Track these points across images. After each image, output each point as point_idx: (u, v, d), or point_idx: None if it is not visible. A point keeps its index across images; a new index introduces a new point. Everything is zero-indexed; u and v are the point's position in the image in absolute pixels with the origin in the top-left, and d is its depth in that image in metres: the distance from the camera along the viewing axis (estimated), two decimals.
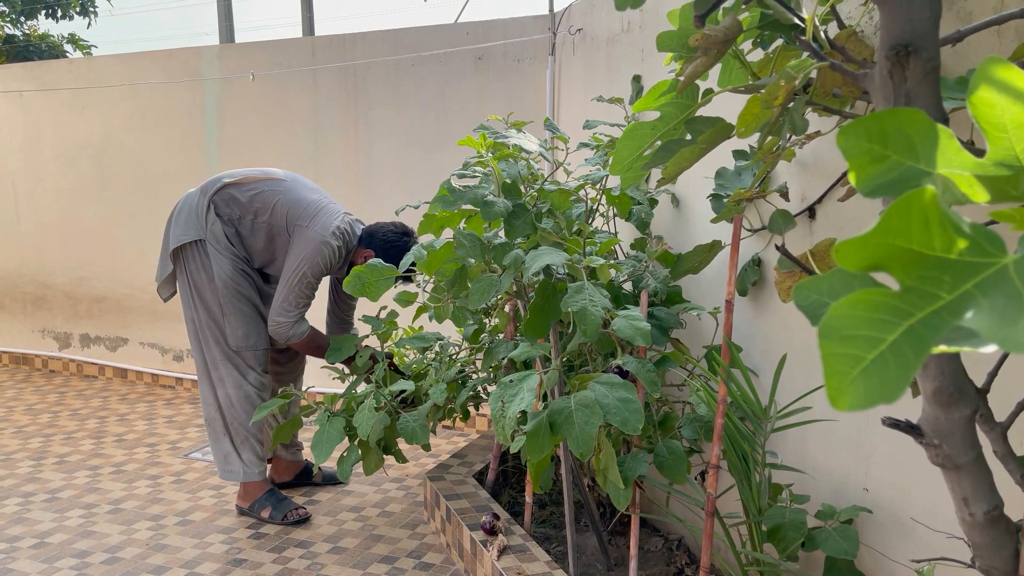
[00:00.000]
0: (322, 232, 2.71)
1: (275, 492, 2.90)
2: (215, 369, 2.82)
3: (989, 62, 0.55)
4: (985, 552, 0.88)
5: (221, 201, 2.78)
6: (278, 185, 2.80)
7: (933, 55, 0.81)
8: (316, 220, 2.73)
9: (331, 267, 2.77)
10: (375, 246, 2.79)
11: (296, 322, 2.74)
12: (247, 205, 2.77)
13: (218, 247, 2.75)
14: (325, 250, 2.71)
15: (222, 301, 2.77)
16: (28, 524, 2.82)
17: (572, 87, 3.50)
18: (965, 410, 0.81)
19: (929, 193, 0.46)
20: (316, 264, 2.70)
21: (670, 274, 2.14)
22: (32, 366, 5.34)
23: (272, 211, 2.76)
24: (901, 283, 0.48)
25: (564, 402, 1.68)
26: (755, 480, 1.74)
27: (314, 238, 2.70)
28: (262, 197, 2.77)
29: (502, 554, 2.15)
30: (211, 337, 2.81)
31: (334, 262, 2.75)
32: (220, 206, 2.77)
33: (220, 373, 2.82)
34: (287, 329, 2.73)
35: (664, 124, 1.26)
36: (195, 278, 2.79)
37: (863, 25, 1.53)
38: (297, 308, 2.73)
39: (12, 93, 5.12)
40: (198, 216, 2.77)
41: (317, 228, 2.71)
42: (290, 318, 2.73)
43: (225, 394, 2.82)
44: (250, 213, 2.77)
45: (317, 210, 2.77)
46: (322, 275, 2.76)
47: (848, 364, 0.46)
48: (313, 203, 2.78)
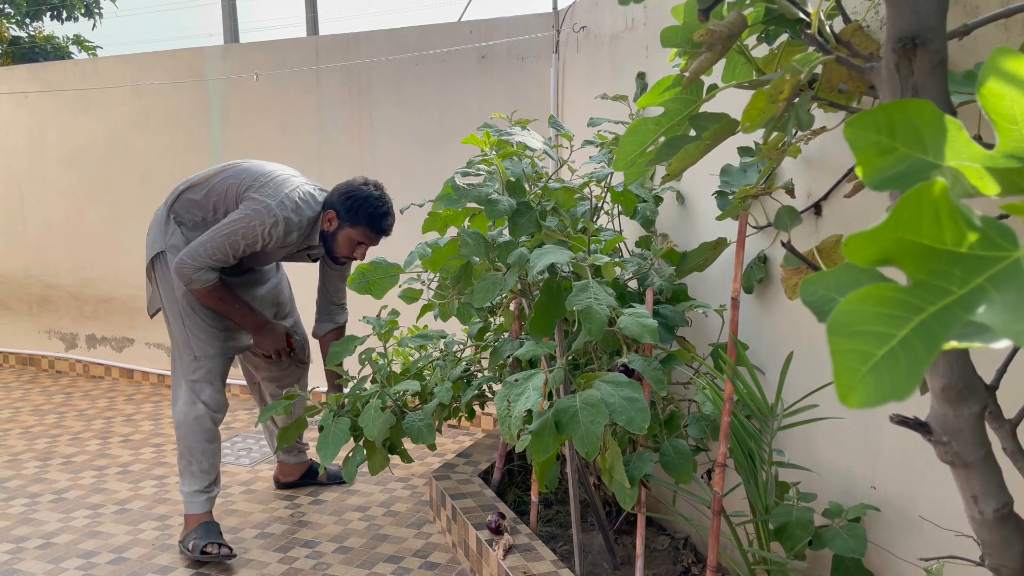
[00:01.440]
0: (268, 199, 2.51)
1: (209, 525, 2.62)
2: (177, 386, 2.69)
3: (998, 53, 0.54)
4: (994, 550, 0.87)
5: (182, 208, 2.65)
6: (232, 170, 2.63)
7: (940, 48, 0.80)
8: (266, 188, 2.55)
9: (274, 239, 2.53)
10: (335, 204, 2.60)
11: (201, 268, 2.49)
12: (205, 203, 2.62)
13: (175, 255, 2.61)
14: (266, 217, 2.48)
15: (183, 313, 2.64)
16: (34, 524, 2.83)
17: (576, 85, 3.50)
18: (974, 407, 0.80)
19: (939, 186, 0.45)
20: (251, 228, 2.48)
21: (675, 272, 2.14)
22: (38, 367, 5.35)
23: (226, 196, 2.59)
24: (911, 277, 0.47)
25: (569, 401, 1.68)
26: (762, 478, 1.73)
27: (260, 201, 2.50)
28: (217, 189, 2.60)
29: (508, 553, 2.14)
30: (179, 353, 2.68)
31: (277, 234, 2.53)
32: (181, 214, 2.65)
33: (179, 391, 2.68)
34: (189, 271, 2.49)
35: (668, 120, 1.25)
36: (163, 292, 2.68)
37: (869, 19, 1.51)
38: (208, 258, 2.49)
39: (17, 94, 5.13)
40: (160, 228, 2.67)
41: (265, 193, 2.52)
42: (196, 263, 2.48)
43: (177, 411, 2.66)
44: (210, 211, 2.62)
45: (270, 179, 2.58)
46: (257, 242, 2.52)
47: (858, 360, 0.45)
48: (267, 173, 2.60)
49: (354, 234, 2.61)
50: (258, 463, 3.50)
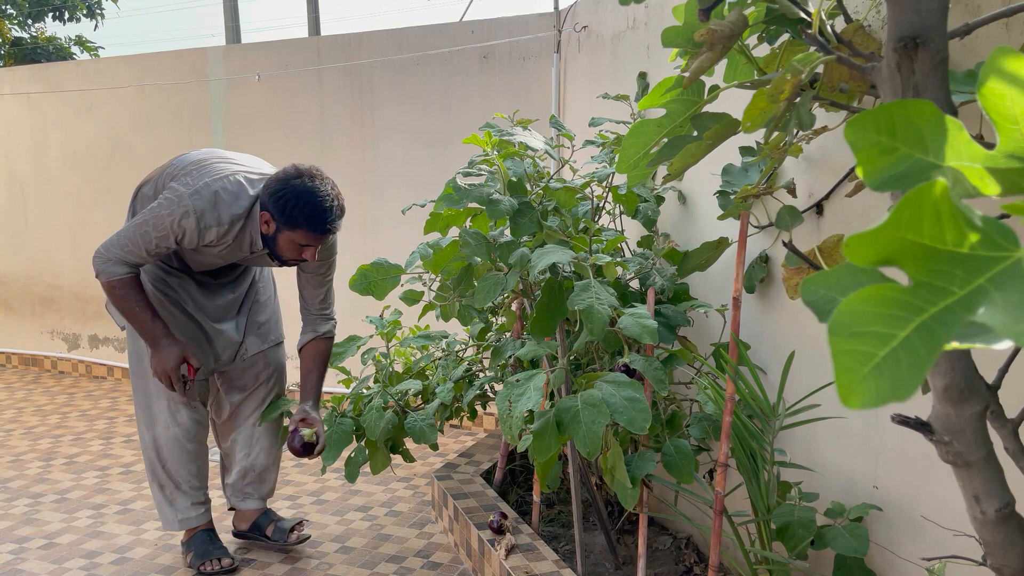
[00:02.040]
0: (183, 187, 2.18)
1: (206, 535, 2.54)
2: (146, 408, 2.45)
3: (999, 53, 0.54)
4: (996, 550, 0.87)
5: (139, 204, 2.39)
6: (177, 159, 2.35)
7: (941, 47, 0.80)
8: (188, 176, 2.23)
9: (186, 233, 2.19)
10: (266, 204, 2.19)
11: (111, 260, 2.21)
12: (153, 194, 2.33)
13: None
14: (176, 207, 2.15)
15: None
16: (37, 525, 2.83)
17: (577, 85, 3.50)
18: (976, 407, 0.80)
19: (940, 186, 0.45)
20: (160, 219, 2.16)
21: (677, 272, 2.14)
22: (41, 367, 5.36)
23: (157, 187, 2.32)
24: (912, 278, 0.47)
25: (571, 401, 1.68)
26: (764, 478, 1.73)
27: (174, 190, 2.19)
28: (162, 179, 2.32)
29: (510, 553, 2.14)
30: (140, 371, 2.44)
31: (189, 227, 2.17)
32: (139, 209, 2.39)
33: (152, 410, 2.44)
34: (100, 261, 2.21)
35: (670, 121, 1.25)
36: None
37: (870, 19, 1.51)
38: (120, 250, 2.20)
39: (20, 95, 5.14)
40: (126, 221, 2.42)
41: (184, 183, 2.20)
42: (109, 253, 2.20)
43: (154, 436, 2.44)
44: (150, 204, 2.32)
45: (198, 167, 2.26)
46: (168, 236, 2.19)
47: (859, 361, 0.45)
48: (198, 161, 2.28)
49: (295, 237, 2.20)
50: None
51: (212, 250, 2.30)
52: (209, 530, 2.57)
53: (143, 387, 2.45)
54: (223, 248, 2.29)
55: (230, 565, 2.48)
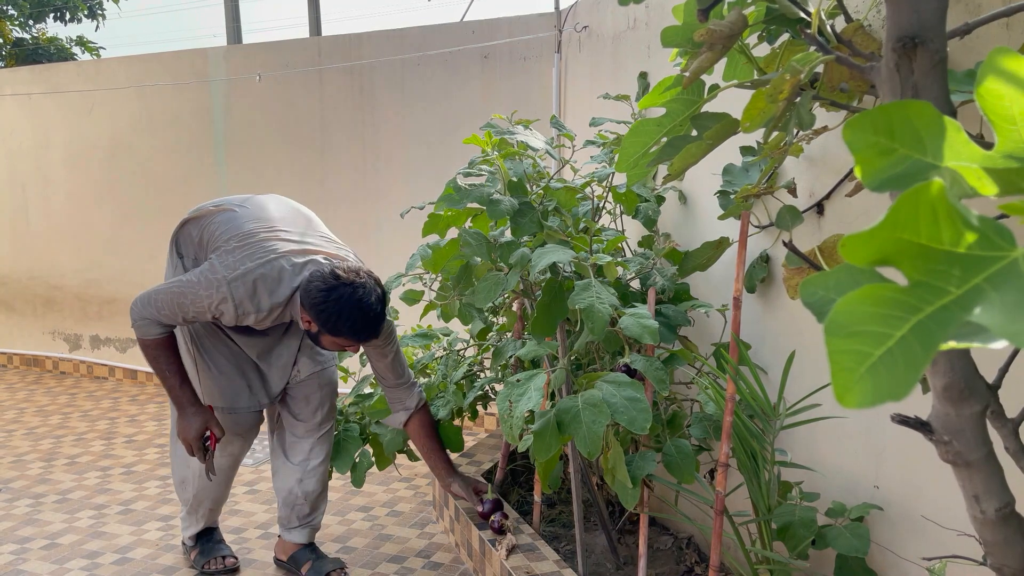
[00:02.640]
0: (226, 270, 2.11)
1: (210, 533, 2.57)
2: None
3: (997, 53, 0.54)
4: (996, 549, 0.87)
5: (182, 240, 2.38)
6: (229, 212, 2.28)
7: (940, 47, 0.80)
8: (234, 252, 2.15)
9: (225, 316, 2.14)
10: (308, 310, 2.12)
11: (146, 319, 2.18)
12: (200, 242, 2.31)
13: None
14: (214, 292, 2.10)
15: (192, 351, 2.35)
16: (39, 525, 2.84)
17: (578, 85, 3.50)
18: (975, 406, 0.80)
19: (937, 186, 0.45)
20: (199, 297, 2.12)
21: (678, 271, 2.14)
22: (43, 367, 5.37)
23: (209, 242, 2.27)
24: (909, 278, 0.47)
25: (571, 401, 1.68)
26: (764, 478, 1.73)
27: (217, 269, 2.12)
28: (209, 231, 2.27)
29: (511, 553, 2.14)
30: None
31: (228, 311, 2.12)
32: (182, 245, 2.38)
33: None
34: (135, 315, 2.19)
35: (670, 120, 1.25)
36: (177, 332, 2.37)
37: (870, 19, 1.51)
38: (156, 311, 2.17)
39: (21, 96, 5.14)
40: (168, 258, 2.42)
41: (227, 262, 2.13)
42: (145, 311, 2.18)
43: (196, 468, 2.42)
44: (203, 252, 2.30)
45: (248, 240, 2.17)
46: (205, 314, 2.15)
47: (855, 360, 0.45)
48: (250, 233, 2.19)
49: (339, 341, 2.15)
50: (262, 463, 3.51)
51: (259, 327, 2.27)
52: (214, 528, 2.58)
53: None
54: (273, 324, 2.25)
55: (233, 564, 2.48)
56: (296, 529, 2.51)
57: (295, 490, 2.47)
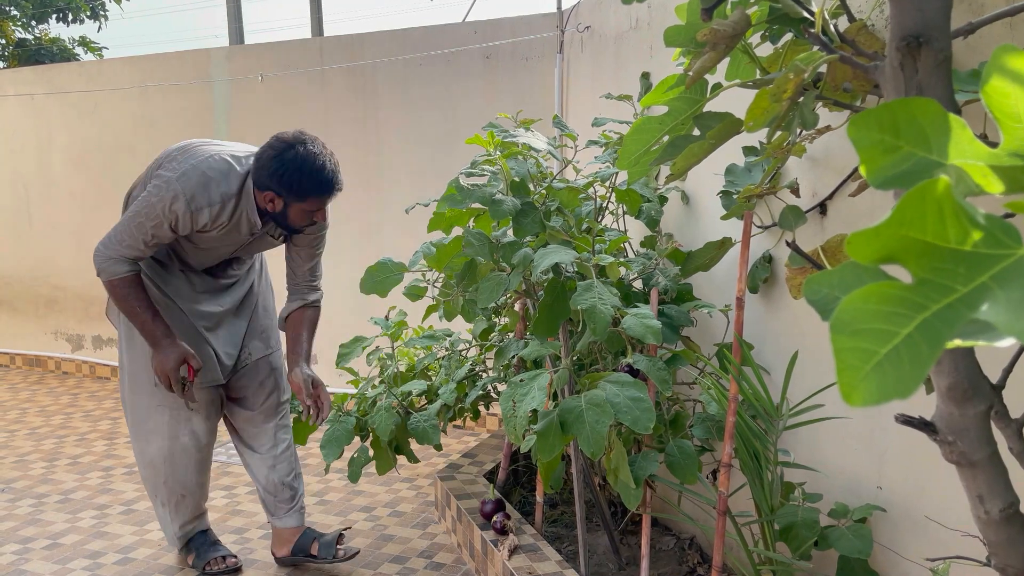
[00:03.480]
0: (171, 172, 2.14)
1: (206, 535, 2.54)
2: (145, 421, 2.38)
3: (1002, 51, 0.54)
4: (1000, 550, 0.86)
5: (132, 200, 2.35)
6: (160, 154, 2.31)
7: (944, 46, 0.80)
8: (173, 161, 2.19)
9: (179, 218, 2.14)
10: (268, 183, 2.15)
11: (111, 258, 2.17)
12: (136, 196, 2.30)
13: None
14: (164, 192, 2.11)
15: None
16: (41, 525, 2.84)
17: (581, 85, 3.50)
18: (980, 406, 0.80)
19: (943, 183, 0.45)
20: (151, 207, 2.12)
21: (680, 272, 2.13)
22: (45, 368, 5.37)
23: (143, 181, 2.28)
24: (915, 276, 0.47)
25: (574, 401, 1.67)
26: (767, 479, 1.73)
27: (161, 176, 2.16)
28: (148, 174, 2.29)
29: (513, 554, 2.14)
30: (142, 381, 2.36)
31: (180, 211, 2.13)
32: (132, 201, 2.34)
33: (149, 425, 2.38)
34: (99, 259, 2.17)
35: (672, 119, 1.25)
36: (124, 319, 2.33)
37: (874, 18, 1.51)
38: (119, 245, 2.17)
39: (24, 96, 5.15)
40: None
41: (170, 168, 2.17)
42: (108, 251, 2.17)
43: (155, 451, 2.38)
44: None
45: (182, 151, 2.22)
46: (162, 223, 2.14)
47: (861, 358, 0.45)
48: (178, 148, 2.25)
49: (306, 206, 2.18)
50: None
51: (209, 235, 2.25)
52: (206, 531, 2.56)
53: (137, 403, 2.38)
54: (220, 230, 2.24)
55: (235, 564, 2.48)
56: (288, 515, 2.54)
57: (271, 477, 2.51)
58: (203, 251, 2.35)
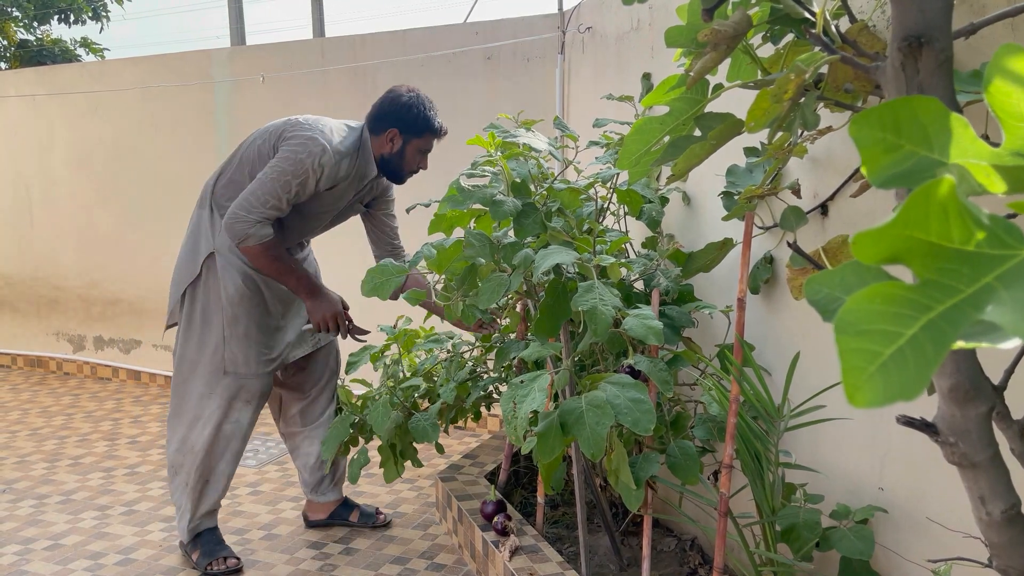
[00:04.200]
0: (308, 131, 2.33)
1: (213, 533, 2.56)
2: (194, 407, 2.46)
3: (1005, 50, 0.54)
4: (1002, 551, 0.86)
5: (222, 199, 2.46)
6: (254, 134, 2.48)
7: (946, 46, 0.80)
8: (300, 126, 2.37)
9: (325, 172, 2.33)
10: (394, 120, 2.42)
11: (257, 222, 2.27)
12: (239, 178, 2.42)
13: (225, 255, 2.44)
14: (312, 146, 2.28)
15: (225, 322, 2.44)
16: (42, 526, 2.84)
17: (582, 86, 3.49)
18: (981, 407, 0.80)
19: (947, 184, 0.45)
20: (300, 162, 2.27)
21: (681, 272, 2.13)
22: (47, 368, 5.37)
23: (259, 155, 2.40)
24: (919, 276, 0.47)
25: (575, 402, 1.67)
26: (768, 480, 1.73)
27: (299, 138, 2.31)
28: (247, 157, 2.43)
29: (514, 555, 2.14)
30: (206, 368, 2.46)
31: (328, 163, 2.32)
32: (223, 204, 2.45)
33: (197, 411, 2.46)
34: (245, 226, 2.26)
35: (673, 119, 1.25)
36: (207, 302, 2.46)
37: (875, 19, 1.51)
38: (263, 207, 2.26)
39: (26, 97, 5.15)
40: (204, 230, 2.47)
41: (302, 129, 2.35)
42: (252, 215, 2.26)
43: (197, 436, 2.46)
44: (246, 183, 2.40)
45: (300, 120, 2.41)
46: (307, 178, 2.30)
47: (865, 359, 0.45)
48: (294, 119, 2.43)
49: (420, 144, 2.46)
50: (264, 464, 3.51)
51: (331, 192, 2.44)
52: (214, 529, 2.58)
53: (190, 389, 2.47)
54: (345, 184, 2.45)
55: (235, 565, 2.48)
56: (332, 489, 2.80)
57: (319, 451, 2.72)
58: (300, 220, 2.50)
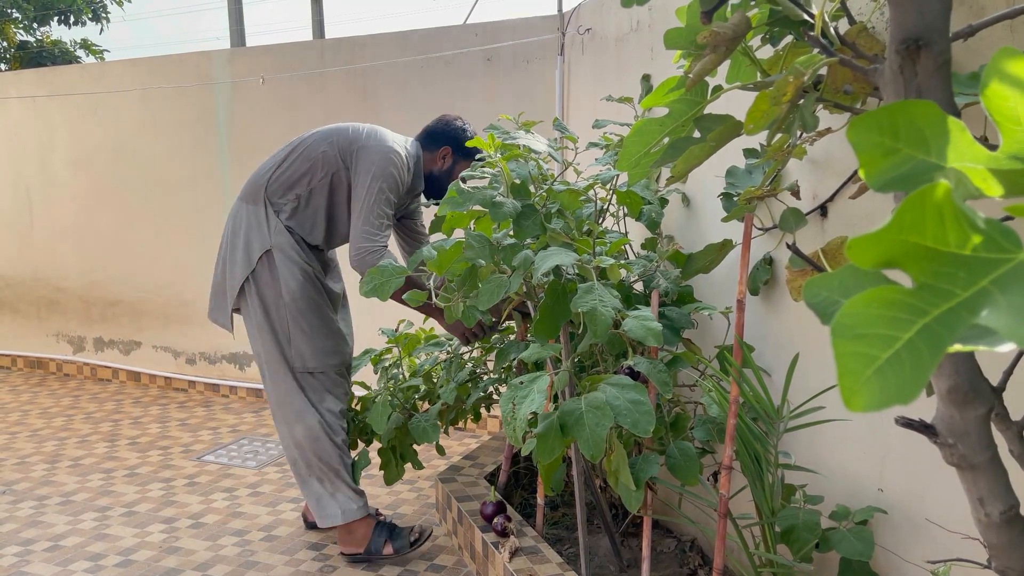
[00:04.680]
0: (384, 142, 2.43)
1: (383, 523, 2.57)
2: (288, 404, 2.49)
3: (1002, 53, 0.54)
4: (1001, 553, 0.86)
5: (275, 195, 2.48)
6: (315, 134, 2.52)
7: (944, 49, 0.80)
8: (372, 136, 2.45)
9: (403, 184, 2.44)
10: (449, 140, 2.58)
11: (384, 246, 2.35)
12: (298, 178, 2.47)
13: (286, 253, 2.45)
14: (396, 159, 2.40)
15: (289, 320, 2.45)
16: (42, 527, 2.84)
17: (581, 87, 3.50)
18: (980, 409, 0.80)
19: (943, 188, 0.45)
20: (390, 176, 2.38)
21: (681, 274, 2.13)
22: (46, 370, 5.37)
23: (323, 160, 2.45)
24: (915, 280, 0.47)
25: (575, 403, 1.67)
26: (768, 481, 1.73)
27: (378, 149, 2.41)
28: (311, 154, 2.47)
29: (514, 556, 2.14)
30: (280, 367, 2.47)
31: (404, 178, 2.44)
32: (277, 203, 2.47)
33: (295, 407, 2.48)
34: (377, 256, 2.32)
35: (673, 121, 1.25)
36: (265, 300, 2.46)
37: (874, 21, 1.51)
38: (381, 231, 2.35)
39: (26, 99, 5.15)
40: (258, 227, 2.46)
41: (376, 140, 2.44)
42: (377, 243, 2.33)
43: (303, 429, 2.47)
44: (305, 182, 2.46)
45: (368, 128, 2.50)
46: (398, 192, 2.42)
47: (862, 363, 0.45)
48: (358, 126, 2.51)
49: (465, 166, 2.57)
50: (264, 465, 3.51)
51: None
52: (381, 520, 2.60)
53: (280, 389, 2.49)
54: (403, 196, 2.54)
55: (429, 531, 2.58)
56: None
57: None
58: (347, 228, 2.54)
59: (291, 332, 2.46)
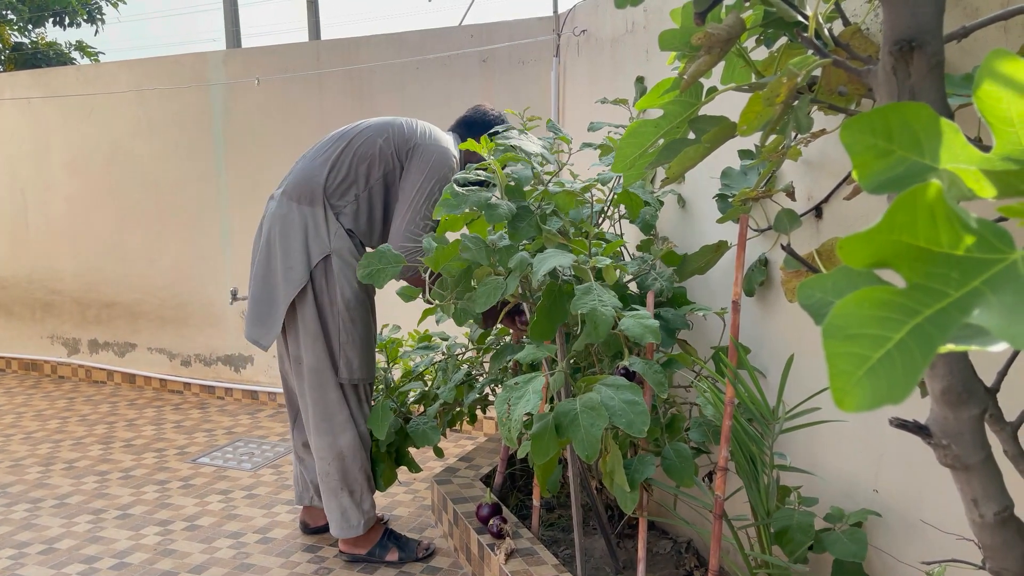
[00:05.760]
0: (439, 143, 2.38)
1: (393, 532, 2.59)
2: (334, 416, 2.42)
3: (995, 55, 0.54)
4: (995, 554, 0.86)
5: (335, 195, 2.37)
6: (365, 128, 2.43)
7: (937, 50, 0.80)
8: (427, 134, 2.40)
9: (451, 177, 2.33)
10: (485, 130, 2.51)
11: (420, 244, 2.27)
12: (356, 176, 2.37)
13: (344, 258, 2.36)
14: (451, 162, 2.37)
15: (342, 329, 2.37)
16: (36, 530, 2.83)
17: (577, 88, 3.50)
18: (974, 410, 0.80)
19: (934, 188, 0.45)
20: (445, 179, 2.31)
21: (677, 275, 2.13)
22: (41, 372, 5.36)
23: (380, 157, 2.37)
24: (907, 280, 0.47)
25: (570, 404, 1.67)
26: (763, 482, 1.73)
27: (436, 149, 2.36)
28: (365, 151, 2.38)
29: (510, 558, 2.14)
30: (328, 377, 2.40)
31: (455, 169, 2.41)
32: (337, 203, 2.37)
33: (340, 419, 2.42)
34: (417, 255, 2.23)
35: (668, 122, 1.25)
36: (322, 308, 2.38)
37: (868, 22, 1.51)
38: (423, 232, 2.29)
39: (20, 100, 5.14)
40: (316, 232, 2.35)
41: (432, 140, 2.39)
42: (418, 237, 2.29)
43: (348, 441, 2.43)
44: (363, 181, 2.37)
45: (421, 125, 2.44)
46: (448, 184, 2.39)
47: (853, 364, 0.45)
48: (411, 122, 2.44)
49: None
50: (260, 467, 3.50)
51: None
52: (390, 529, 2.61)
53: (326, 399, 2.42)
54: None
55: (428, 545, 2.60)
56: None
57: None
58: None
59: (343, 341, 2.38)
